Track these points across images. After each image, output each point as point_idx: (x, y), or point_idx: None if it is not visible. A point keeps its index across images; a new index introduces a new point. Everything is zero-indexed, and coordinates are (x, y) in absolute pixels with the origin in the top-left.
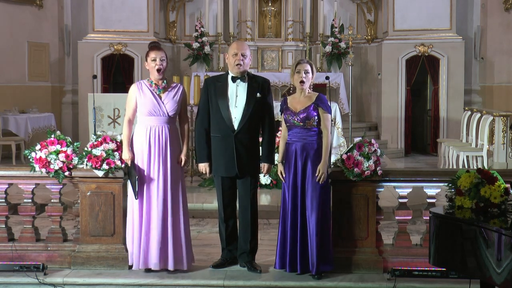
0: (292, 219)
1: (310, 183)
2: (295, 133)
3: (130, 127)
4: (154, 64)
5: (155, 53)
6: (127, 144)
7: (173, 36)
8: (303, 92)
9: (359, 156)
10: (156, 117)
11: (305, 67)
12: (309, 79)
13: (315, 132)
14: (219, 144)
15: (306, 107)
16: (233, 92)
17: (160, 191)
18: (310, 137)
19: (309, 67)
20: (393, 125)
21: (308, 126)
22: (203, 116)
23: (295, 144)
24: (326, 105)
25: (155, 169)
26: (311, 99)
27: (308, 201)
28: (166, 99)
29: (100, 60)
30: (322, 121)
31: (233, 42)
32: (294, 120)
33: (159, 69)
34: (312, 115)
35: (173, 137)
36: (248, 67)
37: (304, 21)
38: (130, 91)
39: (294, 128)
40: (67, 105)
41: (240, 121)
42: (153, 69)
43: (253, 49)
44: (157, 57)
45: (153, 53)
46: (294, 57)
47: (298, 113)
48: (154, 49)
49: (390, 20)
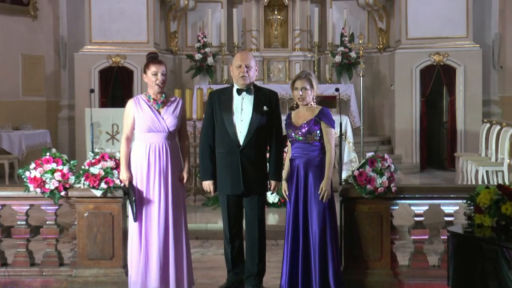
0: (296, 239)
1: (313, 200)
2: (297, 149)
3: (128, 145)
4: (155, 79)
5: (157, 67)
6: (125, 163)
7: (174, 47)
8: (306, 106)
9: (372, 172)
10: (156, 134)
11: (303, 84)
12: (309, 94)
13: (317, 147)
14: (224, 160)
15: (308, 121)
16: (239, 105)
17: (161, 212)
18: (312, 153)
19: (307, 83)
20: (408, 139)
21: (309, 141)
22: (207, 131)
23: (297, 160)
24: (329, 119)
25: (155, 189)
26: (313, 113)
27: (311, 220)
28: (166, 114)
29: (98, 73)
30: (324, 136)
31: (237, 53)
32: (296, 134)
33: (160, 85)
34: (313, 129)
35: (174, 154)
36: (254, 79)
37: (312, 30)
38: (127, 107)
39: (296, 143)
40: (63, 121)
41: (246, 135)
42: (153, 83)
43: (258, 60)
44: (159, 72)
45: (154, 67)
46: (302, 67)
47: (300, 127)
48: (156, 62)
49: (403, 28)
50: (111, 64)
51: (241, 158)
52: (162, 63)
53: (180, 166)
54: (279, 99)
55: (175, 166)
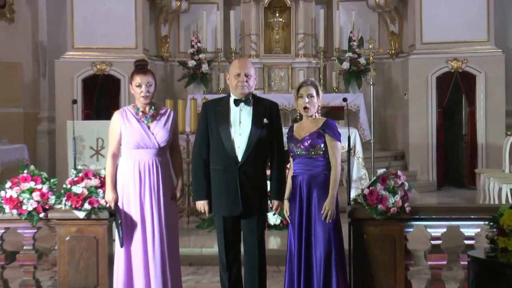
0: (298, 264)
1: (317, 222)
2: (300, 164)
3: (115, 163)
4: (139, 91)
5: (141, 77)
6: (111, 183)
7: (165, 53)
8: (310, 117)
9: (384, 191)
10: (145, 150)
11: (309, 90)
12: (315, 104)
13: (322, 162)
14: (221, 178)
15: (311, 134)
16: (236, 117)
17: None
18: (316, 168)
19: (314, 90)
20: (423, 154)
21: (313, 156)
22: (201, 145)
23: (300, 176)
24: (334, 131)
25: (145, 211)
26: (317, 125)
27: (315, 243)
28: (156, 129)
29: (81, 81)
30: (329, 150)
31: (235, 59)
32: (298, 148)
33: (146, 97)
34: (317, 142)
35: (165, 172)
36: (253, 88)
37: (317, 34)
38: (113, 120)
39: (298, 158)
40: (43, 135)
41: (245, 151)
42: (138, 96)
43: (258, 67)
44: (143, 83)
45: (138, 78)
46: (306, 75)
47: (302, 141)
48: (140, 72)
49: (417, 31)
50: (95, 72)
51: (239, 175)
52: (148, 72)
53: (172, 185)
54: (279, 110)
55: (167, 185)
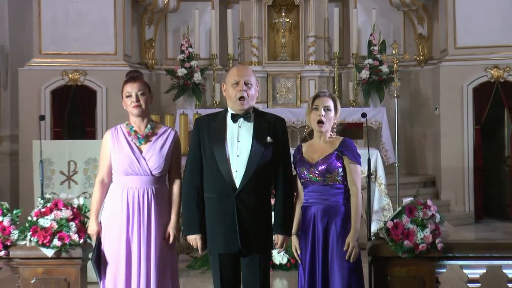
0: None
1: (334, 261)
2: (313, 193)
3: (103, 190)
4: (129, 101)
5: (131, 86)
6: (95, 213)
7: (150, 60)
8: (323, 136)
9: (411, 224)
10: (135, 177)
11: (326, 102)
12: (331, 118)
13: (340, 190)
14: (216, 208)
15: (326, 156)
16: (234, 135)
17: (137, 282)
18: (333, 197)
19: (332, 102)
20: (458, 180)
21: (329, 182)
22: (193, 170)
23: (313, 207)
24: (354, 153)
25: (133, 249)
26: (333, 145)
27: (332, 286)
28: (149, 153)
29: (50, 93)
30: (348, 175)
31: (233, 67)
32: (310, 174)
33: (137, 106)
34: (334, 166)
35: (160, 204)
36: (255, 100)
37: (330, 37)
38: (104, 141)
39: (311, 185)
40: (4, 157)
41: (244, 176)
42: (130, 107)
43: (261, 76)
44: (133, 92)
45: (127, 86)
46: (318, 86)
47: (316, 165)
48: (130, 81)
49: (450, 34)
50: (67, 82)
51: (238, 205)
52: (138, 79)
53: (168, 220)
54: (286, 127)
55: (161, 220)
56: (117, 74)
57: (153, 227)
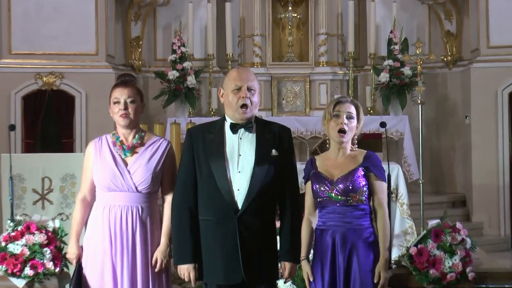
0: None
1: None
2: (333, 214)
3: (85, 209)
4: (117, 109)
5: (120, 91)
6: (76, 235)
7: (136, 61)
8: (343, 149)
9: (437, 250)
10: (118, 193)
11: (348, 108)
12: (353, 128)
13: (365, 211)
14: (214, 233)
15: (349, 173)
16: (234, 149)
17: None
18: (357, 220)
19: (354, 109)
20: (491, 199)
21: (352, 203)
22: (185, 188)
23: (332, 231)
24: (380, 170)
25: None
26: (356, 160)
27: None
28: (134, 165)
29: (21, 99)
30: (374, 194)
31: (233, 70)
32: (331, 192)
33: (125, 115)
34: (358, 184)
35: (147, 226)
36: (257, 108)
37: (345, 34)
38: (86, 153)
39: (331, 205)
40: None
41: (247, 195)
42: (117, 115)
43: (264, 80)
44: (121, 98)
45: (116, 91)
46: (330, 91)
47: (337, 182)
48: (119, 85)
49: (482, 31)
50: (41, 87)
51: (240, 229)
52: (130, 84)
53: (157, 243)
54: (292, 138)
55: (149, 244)
56: (98, 77)
57: (138, 252)
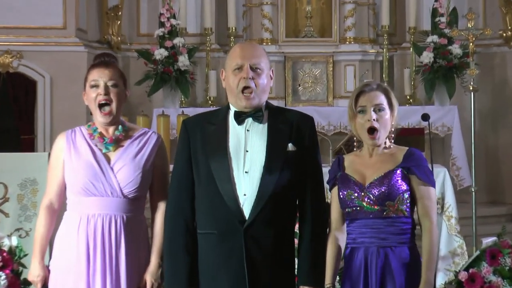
0: None
1: None
2: (365, 228)
3: (51, 220)
4: (95, 95)
5: (99, 72)
6: (40, 251)
7: (114, 37)
8: (376, 147)
9: (493, 275)
10: (99, 199)
11: (375, 98)
12: (386, 122)
13: (407, 225)
14: (216, 249)
15: (385, 175)
16: (240, 143)
17: None
18: (396, 237)
19: (384, 98)
20: None
21: (390, 213)
22: (180, 194)
23: (363, 249)
24: (426, 170)
25: None
26: (394, 159)
27: None
28: (119, 162)
29: None
30: (419, 203)
31: (236, 45)
32: (362, 200)
33: (105, 100)
34: (398, 190)
35: (134, 241)
36: (267, 93)
37: (377, 3)
38: (55, 147)
39: (362, 218)
40: None
41: (256, 202)
42: (94, 102)
43: (276, 61)
44: (101, 80)
45: (95, 73)
46: (359, 74)
47: (370, 187)
48: (98, 65)
49: None
50: None
51: (248, 244)
52: (111, 65)
53: (146, 262)
54: (316, 130)
55: (135, 263)
56: (66, 57)
57: (122, 275)
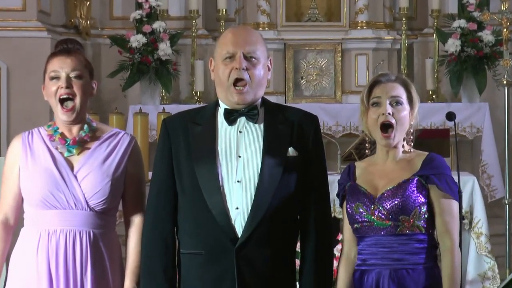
0: None
1: None
2: (376, 247)
3: (6, 237)
4: (55, 88)
5: (60, 62)
6: None
7: (83, 21)
8: (392, 151)
9: None
10: (60, 212)
11: (392, 89)
12: (404, 119)
13: (423, 244)
14: (203, 272)
15: (400, 185)
16: (231, 147)
17: None
18: (412, 257)
19: (403, 89)
20: None
21: (404, 230)
22: (158, 207)
23: (376, 272)
24: (448, 180)
25: None
26: (411, 166)
27: None
28: (84, 168)
29: None
30: (438, 218)
31: (227, 30)
32: (372, 215)
33: (66, 94)
34: (414, 202)
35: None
36: (264, 87)
37: None
38: (9, 152)
39: (372, 234)
40: None
41: (250, 217)
42: (54, 96)
43: (274, 49)
44: (62, 71)
45: (54, 62)
46: (372, 66)
47: (382, 199)
48: (60, 53)
49: None
50: None
51: (241, 266)
52: (73, 53)
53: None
54: (321, 131)
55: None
56: (26, 43)
57: None
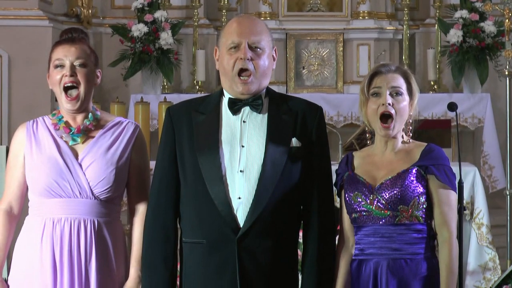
0: None
1: None
2: (374, 236)
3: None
4: (59, 76)
5: (64, 50)
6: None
7: (84, 10)
8: (391, 141)
9: None
10: (65, 201)
11: (392, 80)
12: (403, 110)
13: (422, 234)
14: (203, 262)
15: (399, 175)
16: (235, 137)
17: None
18: (410, 247)
19: (402, 80)
20: None
21: (403, 220)
22: (160, 195)
23: (373, 261)
24: (447, 171)
25: None
26: (410, 157)
27: None
28: (88, 157)
29: None
30: (437, 209)
31: (232, 20)
32: (370, 204)
33: (71, 82)
34: (412, 192)
35: (108, 250)
36: (269, 77)
37: None
38: (14, 141)
39: (371, 224)
40: None
41: (252, 207)
42: (58, 85)
43: (276, 39)
44: (67, 59)
45: (59, 51)
46: (374, 56)
47: (380, 189)
48: (64, 42)
49: None
50: None
51: (242, 257)
52: (78, 42)
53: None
54: (325, 122)
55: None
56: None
57: None
